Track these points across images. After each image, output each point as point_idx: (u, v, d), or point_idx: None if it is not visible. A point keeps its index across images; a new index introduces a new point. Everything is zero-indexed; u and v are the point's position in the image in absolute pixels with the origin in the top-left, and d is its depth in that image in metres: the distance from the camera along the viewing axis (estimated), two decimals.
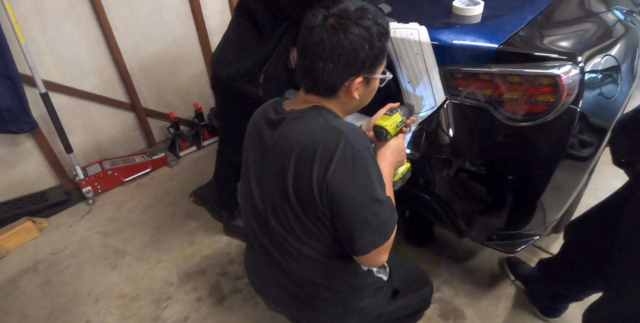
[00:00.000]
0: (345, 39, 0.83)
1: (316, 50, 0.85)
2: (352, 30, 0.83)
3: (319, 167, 0.85)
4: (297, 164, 0.89)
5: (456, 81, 1.24)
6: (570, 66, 1.10)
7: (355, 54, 0.84)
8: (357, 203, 0.86)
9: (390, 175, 1.04)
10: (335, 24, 0.83)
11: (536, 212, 1.35)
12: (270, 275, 1.10)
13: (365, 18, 0.84)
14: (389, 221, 0.91)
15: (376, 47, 0.86)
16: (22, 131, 2.07)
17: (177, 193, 2.38)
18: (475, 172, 1.32)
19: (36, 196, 2.30)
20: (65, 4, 2.11)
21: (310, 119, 0.90)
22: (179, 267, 1.90)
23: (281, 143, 0.92)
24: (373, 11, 0.87)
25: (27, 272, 1.93)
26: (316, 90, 0.91)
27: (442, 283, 1.73)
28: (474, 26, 1.28)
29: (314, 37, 0.84)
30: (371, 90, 0.96)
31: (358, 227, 0.88)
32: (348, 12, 0.85)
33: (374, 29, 0.85)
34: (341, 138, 0.85)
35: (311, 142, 0.87)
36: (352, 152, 0.85)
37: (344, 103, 0.94)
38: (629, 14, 1.55)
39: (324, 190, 0.86)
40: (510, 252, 1.46)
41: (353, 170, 0.85)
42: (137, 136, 2.73)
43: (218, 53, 1.58)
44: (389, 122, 1.03)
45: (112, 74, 2.43)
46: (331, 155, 0.85)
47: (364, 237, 0.89)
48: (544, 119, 1.16)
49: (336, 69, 0.86)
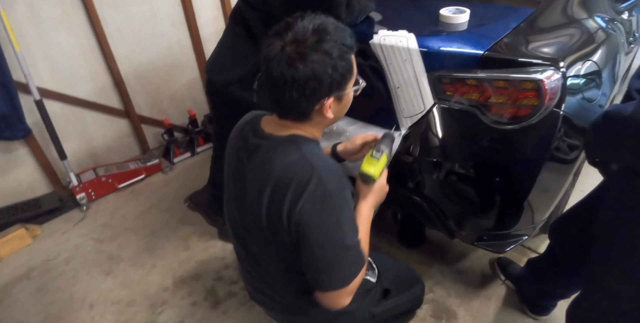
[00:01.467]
0: (305, 68, 0.79)
1: (278, 83, 0.81)
2: (311, 58, 0.78)
3: (290, 202, 0.84)
4: (271, 196, 0.88)
5: (444, 86, 1.28)
6: (552, 71, 1.15)
7: (319, 80, 0.81)
8: (321, 244, 0.85)
9: (370, 215, 1.03)
10: (292, 53, 0.79)
11: (524, 212, 1.39)
12: (257, 287, 1.13)
13: (323, 41, 0.80)
14: (352, 267, 0.89)
15: (340, 67, 0.82)
16: (16, 138, 2.08)
17: (172, 199, 2.39)
18: (464, 174, 1.35)
19: (30, 203, 2.29)
20: (60, 12, 2.13)
21: (287, 151, 0.89)
22: (174, 272, 1.91)
23: (258, 173, 0.91)
24: (332, 28, 0.82)
25: (21, 279, 1.92)
26: (290, 117, 0.90)
27: (434, 284, 1.75)
28: (460, 33, 1.33)
29: (273, 70, 0.81)
30: (346, 103, 0.93)
31: (319, 266, 0.88)
32: (304, 36, 0.80)
33: (335, 50, 0.80)
34: (314, 176, 0.84)
35: (285, 176, 0.86)
36: (322, 192, 0.83)
37: (320, 122, 0.93)
38: (610, 21, 1.61)
39: (292, 225, 0.85)
40: (499, 252, 1.50)
41: (321, 210, 0.84)
42: (131, 143, 2.74)
43: (213, 60, 1.61)
44: (376, 169, 1.01)
45: (107, 81, 2.45)
46: (302, 191, 0.83)
47: (323, 277, 0.88)
48: (528, 122, 1.20)
49: (303, 97, 0.83)
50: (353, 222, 0.90)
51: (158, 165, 2.63)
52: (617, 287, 1.03)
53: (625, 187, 0.98)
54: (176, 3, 2.56)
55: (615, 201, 1.01)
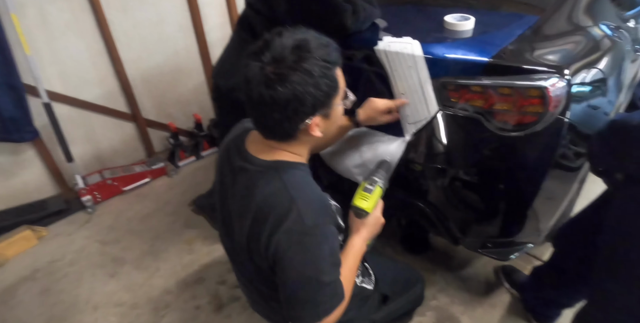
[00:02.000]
0: (284, 89, 0.76)
1: (259, 105, 0.79)
2: (291, 78, 0.76)
3: (267, 234, 0.83)
4: (251, 225, 0.87)
5: (449, 93, 1.28)
6: (557, 78, 1.15)
7: (300, 100, 0.78)
8: (295, 280, 0.84)
9: (362, 249, 1.00)
10: (270, 74, 0.76)
11: (528, 220, 1.38)
12: (254, 298, 1.12)
13: (303, 59, 0.76)
14: (326, 304, 0.86)
15: (323, 84, 0.79)
16: (24, 140, 2.11)
17: (176, 203, 2.41)
18: (468, 180, 1.35)
19: (36, 205, 2.32)
20: (69, 17, 2.16)
21: (268, 179, 0.86)
22: (177, 276, 1.92)
23: (240, 199, 0.90)
24: (313, 45, 0.78)
25: (26, 280, 1.93)
26: (275, 138, 0.88)
27: (438, 291, 1.75)
28: (465, 40, 1.33)
29: (252, 92, 0.79)
30: (335, 118, 0.90)
31: (292, 301, 0.86)
32: (283, 56, 0.76)
33: (316, 69, 0.77)
34: (292, 209, 0.81)
35: (265, 206, 0.84)
36: (300, 227, 0.81)
37: (308, 141, 0.90)
38: (616, 29, 1.61)
39: (269, 256, 0.85)
40: (504, 259, 1.49)
41: (298, 244, 0.82)
42: (137, 146, 2.76)
43: (220, 65, 1.63)
44: (369, 203, 0.98)
45: (114, 85, 2.47)
46: (279, 224, 0.82)
47: (296, 309, 0.86)
48: (533, 129, 1.20)
49: (286, 118, 0.80)
50: (333, 257, 0.86)
51: (163, 169, 2.65)
52: (624, 298, 1.03)
53: (630, 196, 0.98)
54: (184, 9, 2.59)
55: (620, 210, 1.01)
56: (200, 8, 2.63)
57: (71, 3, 2.14)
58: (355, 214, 1.01)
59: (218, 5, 2.76)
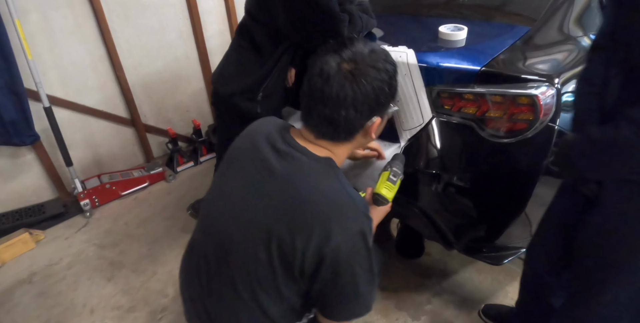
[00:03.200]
0: (367, 85, 0.80)
1: (337, 99, 0.80)
2: (372, 75, 0.81)
3: (324, 232, 0.79)
4: (293, 216, 0.81)
5: (442, 100, 1.32)
6: (547, 87, 1.19)
7: (377, 98, 0.82)
8: (359, 277, 0.84)
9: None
10: (353, 70, 0.80)
11: (521, 225, 1.41)
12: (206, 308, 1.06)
13: (379, 60, 0.83)
14: (371, 296, 0.90)
15: (393, 86, 0.86)
16: (25, 144, 2.13)
17: (174, 208, 2.42)
18: (462, 186, 1.38)
19: (34, 208, 2.33)
20: (72, 23, 2.20)
21: (326, 176, 0.85)
22: (174, 280, 1.92)
23: (279, 185, 0.84)
24: (382, 50, 0.86)
25: (23, 283, 1.94)
26: (334, 137, 0.87)
27: (433, 296, 1.76)
28: (458, 50, 1.37)
29: (332, 85, 0.80)
30: (381, 125, 0.93)
31: (347, 298, 0.87)
32: (362, 55, 0.82)
33: (390, 69, 0.84)
34: (354, 211, 0.82)
35: (323, 201, 0.81)
36: (362, 228, 0.82)
37: (357, 144, 0.92)
38: None
39: (325, 258, 0.80)
40: (497, 264, 1.51)
41: (362, 245, 0.82)
42: (136, 151, 2.79)
43: (219, 71, 1.66)
44: (392, 193, 1.07)
45: (114, 91, 2.50)
46: (342, 225, 0.80)
47: (347, 306, 0.88)
48: (524, 136, 1.23)
49: (359, 115, 0.83)
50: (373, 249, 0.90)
51: (161, 174, 2.67)
52: (612, 294, 1.04)
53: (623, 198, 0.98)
54: (184, 16, 2.63)
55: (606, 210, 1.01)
56: (200, 16, 2.67)
57: (74, 10, 2.18)
58: (375, 201, 1.07)
59: (218, 13, 2.81)
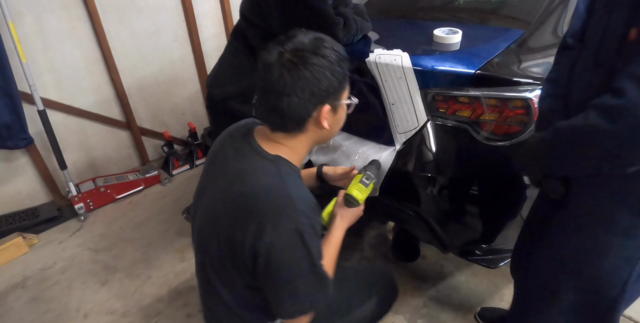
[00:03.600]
0: (305, 70, 0.81)
1: (278, 86, 0.82)
2: (311, 61, 0.82)
3: (258, 227, 0.82)
4: (235, 213, 0.87)
5: (437, 103, 1.32)
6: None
7: (318, 83, 0.83)
8: (292, 274, 0.86)
9: (342, 237, 1.05)
10: (292, 58, 0.82)
11: (517, 227, 1.41)
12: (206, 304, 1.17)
13: (322, 47, 0.84)
14: (314, 295, 0.90)
15: (337, 73, 0.85)
16: (18, 147, 2.11)
17: (169, 211, 2.41)
18: (457, 189, 1.38)
19: (28, 212, 2.31)
20: (67, 26, 2.19)
21: (266, 173, 0.87)
22: (169, 284, 1.91)
23: (228, 184, 0.90)
24: (328, 39, 0.87)
25: (16, 288, 1.92)
26: (284, 128, 0.89)
27: (429, 299, 1.76)
28: (453, 53, 1.37)
29: (273, 74, 0.82)
30: (339, 118, 0.95)
31: (283, 294, 0.88)
32: (303, 44, 0.84)
33: (333, 56, 0.84)
34: (289, 207, 0.83)
35: (258, 197, 0.85)
36: (297, 226, 0.82)
37: (313, 135, 0.93)
38: None
39: (253, 251, 0.84)
40: (493, 266, 1.51)
41: (296, 242, 0.83)
42: (131, 154, 2.77)
43: (214, 74, 1.66)
44: (364, 195, 1.07)
45: (109, 93, 2.50)
46: (275, 221, 0.82)
47: (286, 303, 0.89)
48: (518, 139, 1.24)
49: (302, 101, 0.84)
50: (320, 250, 0.91)
51: (157, 177, 2.66)
52: None
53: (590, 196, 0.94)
54: (180, 19, 2.63)
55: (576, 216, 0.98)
56: (196, 18, 2.67)
57: (69, 12, 2.18)
58: (347, 202, 1.07)
59: (214, 16, 2.81)
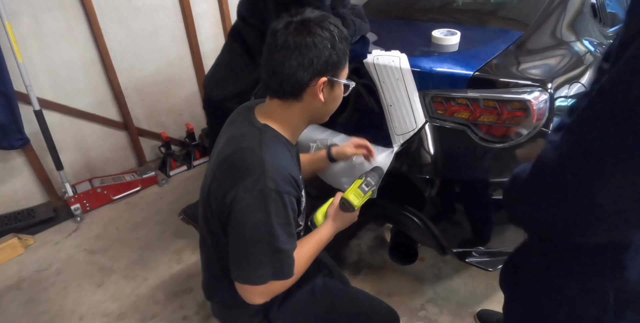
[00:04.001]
0: (308, 37, 0.86)
1: (280, 50, 0.87)
2: (314, 31, 0.86)
3: (229, 183, 0.88)
4: (216, 171, 0.93)
5: (435, 105, 1.31)
6: (540, 92, 1.19)
7: (318, 52, 0.86)
8: (248, 236, 0.87)
9: (329, 238, 1.05)
10: (298, 26, 0.87)
11: (514, 230, 1.41)
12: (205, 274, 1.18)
13: (326, 21, 0.89)
14: (264, 269, 0.89)
15: (338, 48, 0.89)
16: (14, 147, 2.10)
17: (166, 212, 2.40)
18: (455, 191, 1.37)
19: (24, 213, 2.30)
20: (64, 26, 2.18)
21: (250, 138, 0.92)
22: (165, 285, 1.90)
23: (219, 148, 0.97)
24: (333, 18, 0.91)
25: (11, 289, 1.91)
26: (281, 93, 0.92)
27: (427, 302, 1.75)
28: (451, 54, 1.37)
29: (277, 38, 0.87)
30: (335, 96, 0.96)
31: (235, 254, 0.90)
32: (310, 17, 0.89)
33: (336, 31, 0.88)
34: (257, 170, 0.86)
35: (235, 158, 0.90)
36: (261, 187, 0.85)
37: (309, 107, 0.94)
38: (599, 45, 1.66)
39: (226, 206, 0.89)
40: (490, 269, 1.50)
41: (256, 204, 0.85)
42: (128, 155, 2.76)
43: (211, 75, 1.65)
44: (360, 201, 1.06)
45: (106, 94, 2.48)
46: (241, 178, 0.86)
47: (235, 266, 0.90)
48: (517, 141, 1.23)
49: (301, 67, 0.87)
50: (288, 227, 0.90)
51: (154, 178, 2.65)
52: None
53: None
54: (178, 19, 2.62)
55: None
56: (194, 19, 2.66)
57: (66, 12, 2.16)
58: (342, 205, 1.06)
59: (212, 17, 2.80)
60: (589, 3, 1.70)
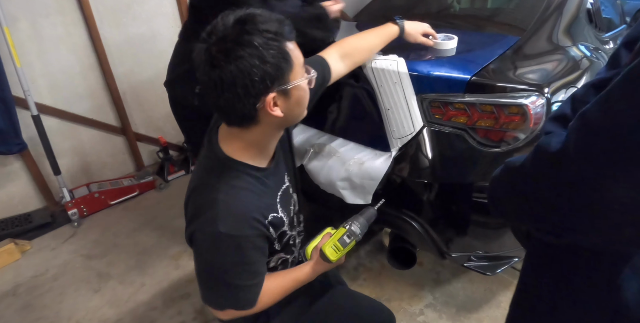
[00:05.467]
0: (230, 66, 0.73)
1: (209, 87, 0.77)
2: (235, 54, 0.73)
3: (187, 220, 0.89)
4: (186, 204, 0.93)
5: (433, 109, 1.31)
6: (537, 96, 1.19)
7: (248, 76, 0.74)
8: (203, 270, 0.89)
9: (308, 278, 1.00)
10: (216, 53, 0.74)
11: (513, 234, 1.40)
12: None
13: (245, 32, 0.73)
14: (231, 300, 0.89)
15: (270, 57, 0.74)
16: (11, 152, 2.09)
17: (164, 217, 2.39)
18: (453, 195, 1.37)
19: (20, 218, 2.29)
20: (62, 31, 2.19)
21: (210, 174, 0.88)
22: (163, 291, 1.89)
23: (191, 176, 0.96)
24: (258, 19, 0.75)
25: (7, 296, 1.89)
26: (234, 123, 0.84)
27: (426, 307, 1.74)
28: (448, 58, 1.37)
29: (202, 75, 0.78)
30: (297, 99, 0.84)
31: (199, 280, 0.91)
32: (226, 33, 0.74)
33: (259, 40, 0.73)
34: (209, 211, 0.82)
35: (193, 195, 0.88)
36: (212, 230, 0.82)
37: (271, 124, 0.85)
38: (594, 50, 1.67)
39: (187, 237, 0.90)
40: (489, 273, 1.49)
41: (209, 245, 0.85)
42: (126, 160, 2.75)
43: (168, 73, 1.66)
44: (339, 255, 0.99)
45: (104, 99, 2.48)
46: (195, 218, 0.85)
47: (201, 288, 0.92)
48: (515, 145, 1.23)
49: (237, 98, 0.76)
50: (249, 266, 0.87)
51: (152, 183, 2.64)
52: None
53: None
54: (176, 25, 2.63)
55: None
56: None
57: (65, 17, 2.17)
58: (321, 256, 1.00)
59: None
60: (585, 8, 1.72)
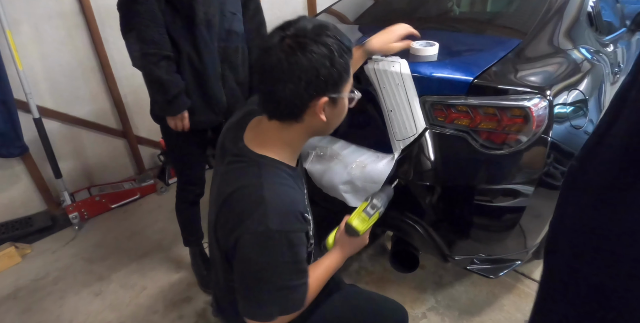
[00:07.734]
0: (303, 57, 0.77)
1: (274, 72, 0.79)
2: (310, 48, 0.78)
3: (231, 225, 0.85)
4: (219, 212, 0.89)
5: (435, 112, 1.31)
6: (539, 99, 1.19)
7: (316, 72, 0.78)
8: (253, 278, 0.85)
9: (338, 264, 1.02)
10: (292, 43, 0.78)
11: (516, 237, 1.40)
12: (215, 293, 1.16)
13: (323, 35, 0.80)
14: (271, 307, 0.86)
15: (338, 63, 0.80)
16: (13, 155, 2.09)
17: (165, 220, 2.38)
18: (456, 198, 1.37)
19: (21, 221, 2.28)
20: (64, 34, 2.19)
21: (249, 174, 0.87)
22: (164, 295, 1.88)
23: (221, 183, 0.92)
24: (332, 28, 0.82)
25: (7, 299, 1.88)
26: (279, 115, 0.86)
27: (428, 310, 1.74)
28: (451, 60, 1.37)
29: (271, 58, 0.79)
30: (339, 111, 0.90)
31: (242, 293, 0.88)
32: (305, 30, 0.79)
33: (335, 45, 0.80)
34: (258, 210, 0.81)
35: (236, 198, 0.85)
36: (264, 229, 0.80)
37: (310, 127, 0.88)
38: (595, 53, 1.68)
39: (230, 247, 0.86)
40: (492, 276, 1.49)
41: (259, 246, 0.82)
42: (127, 163, 2.75)
43: None
44: (365, 226, 1.01)
45: (106, 102, 2.49)
46: (242, 220, 0.82)
47: (245, 303, 0.88)
48: (517, 148, 1.23)
49: (298, 89, 0.79)
50: (297, 264, 0.86)
51: (153, 186, 2.64)
52: None
53: None
54: None
55: None
56: None
57: (66, 21, 2.18)
58: (347, 231, 1.03)
59: None
60: (585, 12, 1.72)
